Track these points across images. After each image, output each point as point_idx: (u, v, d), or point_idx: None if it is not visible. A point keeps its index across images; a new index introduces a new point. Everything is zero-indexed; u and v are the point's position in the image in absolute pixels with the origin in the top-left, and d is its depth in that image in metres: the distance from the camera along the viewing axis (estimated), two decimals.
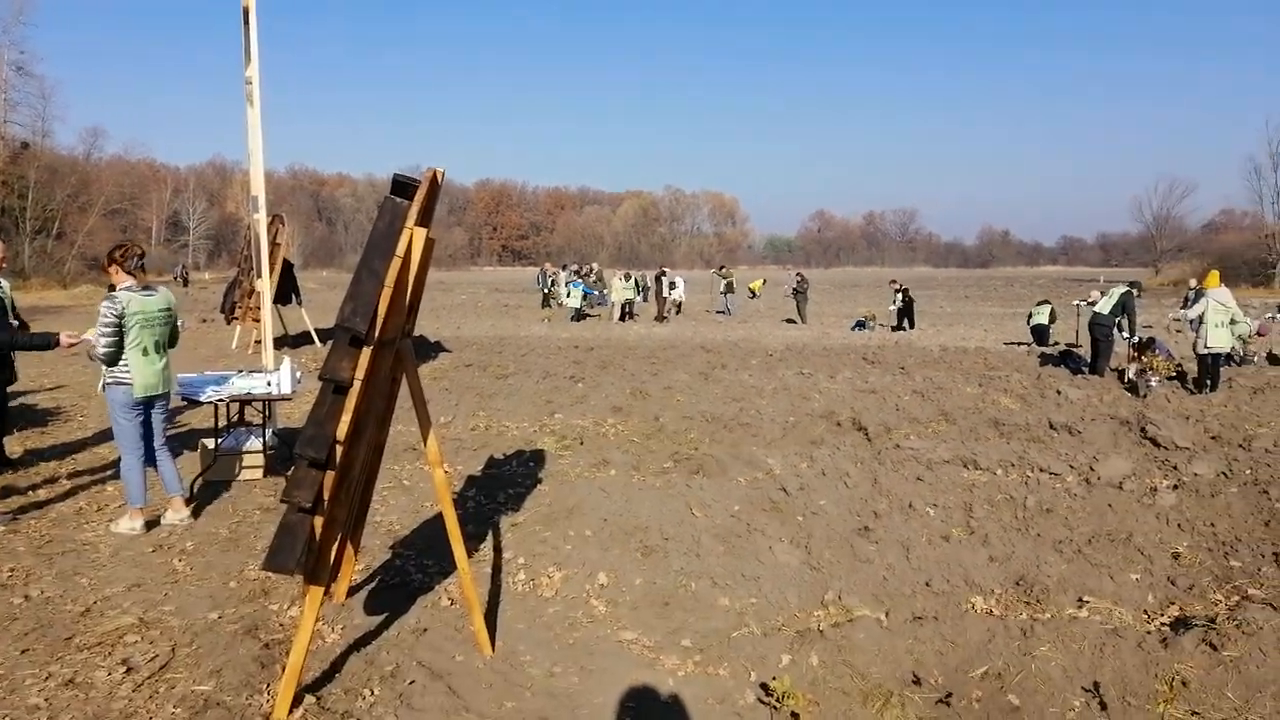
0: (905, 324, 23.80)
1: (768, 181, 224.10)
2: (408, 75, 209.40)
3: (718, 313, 29.20)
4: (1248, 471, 7.27)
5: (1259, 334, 15.09)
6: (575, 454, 8.02)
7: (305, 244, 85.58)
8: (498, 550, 5.50)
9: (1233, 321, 11.78)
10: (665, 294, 27.14)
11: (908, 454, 7.83)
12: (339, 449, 3.21)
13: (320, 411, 3.22)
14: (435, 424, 9.30)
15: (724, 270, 31.54)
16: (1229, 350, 12.25)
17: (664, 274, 28.06)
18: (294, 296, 17.00)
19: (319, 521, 3.31)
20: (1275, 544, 5.62)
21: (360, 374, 3.20)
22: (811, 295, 29.08)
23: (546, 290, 31.28)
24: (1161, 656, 4.01)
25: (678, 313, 28.52)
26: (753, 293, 40.59)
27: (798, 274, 28.83)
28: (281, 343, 16.13)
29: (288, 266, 16.55)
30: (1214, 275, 12.53)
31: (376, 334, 3.23)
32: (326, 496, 3.28)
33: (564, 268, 36.30)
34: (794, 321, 26.50)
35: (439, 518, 5.90)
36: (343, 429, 3.17)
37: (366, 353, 3.21)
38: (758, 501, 6.46)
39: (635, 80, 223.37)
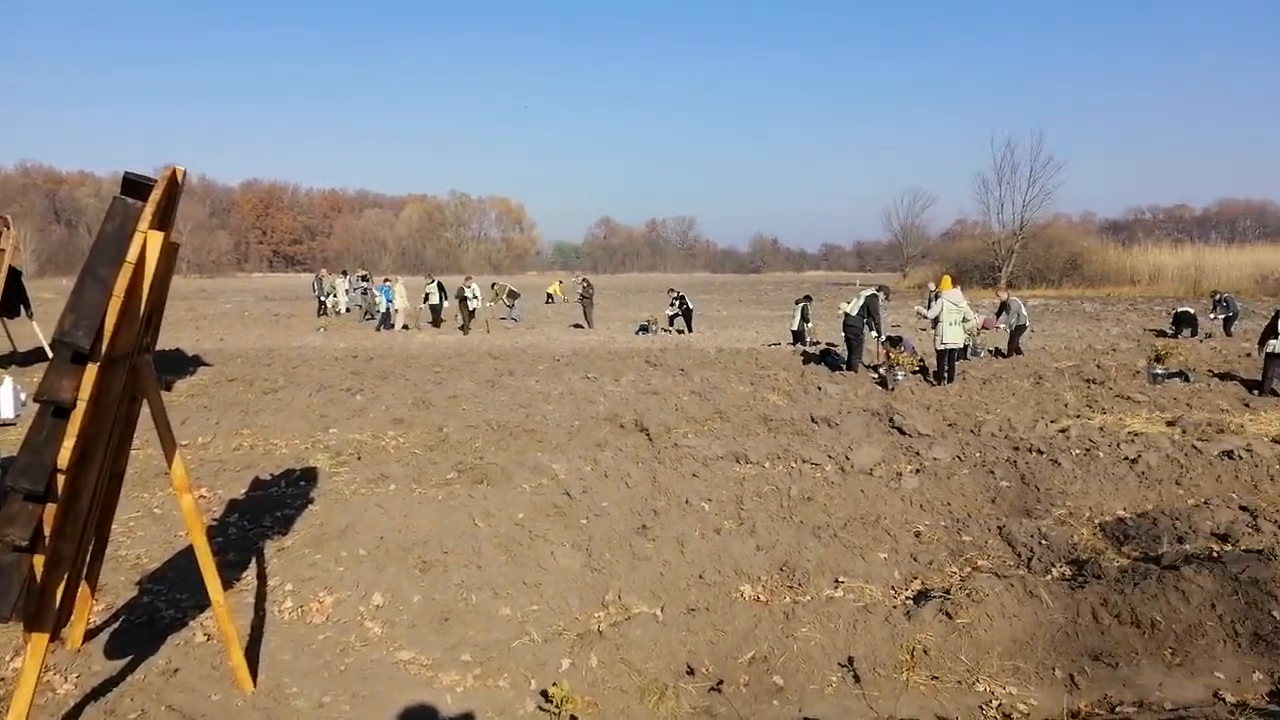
0: (684, 327, 24.77)
1: (554, 189, 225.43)
2: (164, 61, 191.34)
3: (501, 319, 29.00)
4: (977, 454, 8.17)
5: (984, 328, 17.01)
6: (351, 470, 7.68)
7: (40, 249, 76.10)
8: (262, 578, 5.16)
9: (965, 320, 13.21)
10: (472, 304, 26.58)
11: (685, 452, 8.14)
12: (61, 478, 2.89)
13: (37, 437, 2.88)
14: (193, 444, 8.60)
15: (496, 287, 31.37)
16: (962, 345, 13.73)
17: (469, 282, 27.48)
18: (23, 308, 15.08)
19: (39, 560, 2.95)
20: (1000, 519, 6.36)
21: (85, 394, 2.89)
22: (598, 300, 29.57)
23: (323, 298, 29.70)
24: (906, 628, 4.42)
25: (470, 319, 28.05)
26: (550, 296, 40.68)
27: (584, 280, 29.21)
28: (9, 361, 14.28)
29: (15, 274, 14.64)
30: (947, 279, 14.01)
31: (105, 349, 2.93)
32: (48, 532, 2.94)
33: (344, 274, 34.61)
34: (581, 326, 26.82)
35: (193, 548, 5.45)
36: (64, 456, 2.85)
37: (92, 370, 2.91)
38: (542, 507, 6.47)
39: (417, 82, 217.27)
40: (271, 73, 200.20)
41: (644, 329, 25.11)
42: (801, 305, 20.34)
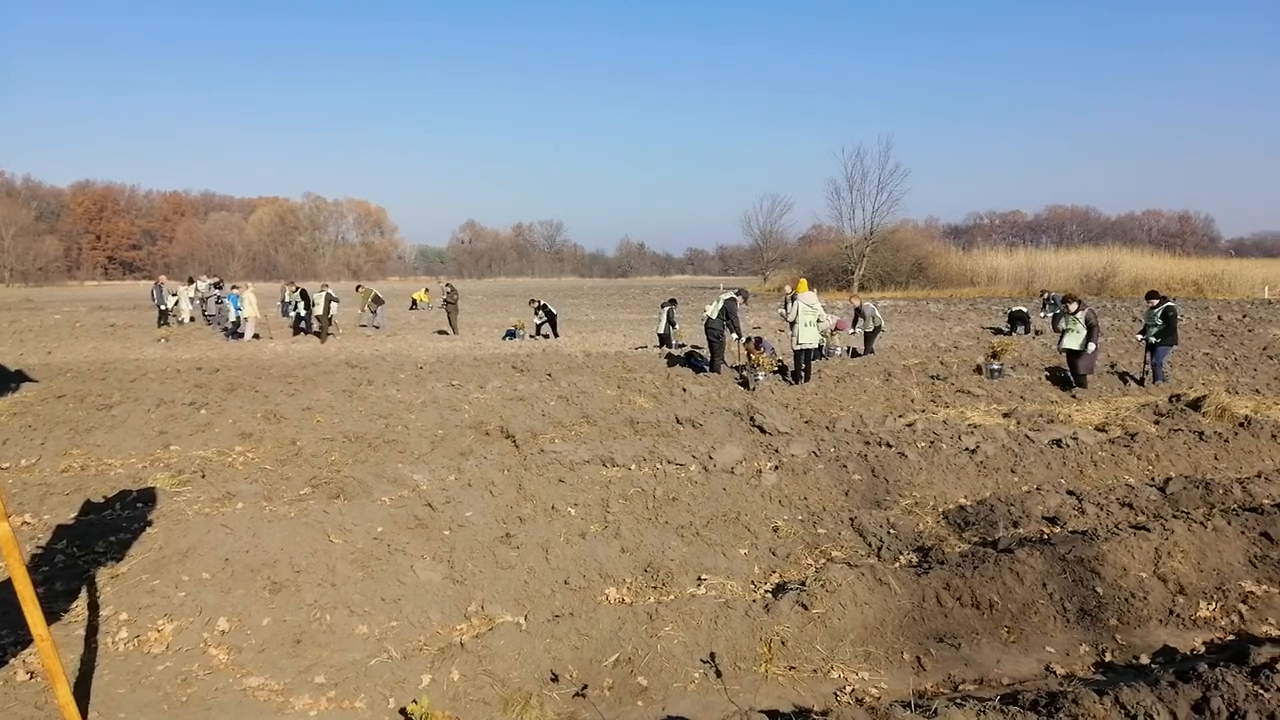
0: (551, 333, 24.72)
1: (417, 191, 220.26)
2: None
3: (362, 326, 28.07)
4: (832, 450, 8.49)
5: (837, 329, 17.75)
6: (195, 489, 7.22)
7: None
8: (94, 608, 4.77)
9: (819, 321, 13.73)
10: (331, 311, 25.49)
11: (552, 457, 8.10)
12: None
13: None
14: (15, 467, 7.91)
15: (362, 289, 30.38)
16: (817, 346, 14.26)
17: (327, 289, 26.37)
18: None
19: None
20: (852, 511, 6.63)
21: None
22: (463, 306, 29.08)
23: (164, 306, 27.90)
24: (764, 621, 4.53)
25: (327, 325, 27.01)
26: (415, 302, 39.60)
27: (447, 285, 28.63)
28: None
29: None
30: (803, 282, 14.53)
31: None
32: None
33: (190, 281, 32.59)
34: (446, 333, 26.30)
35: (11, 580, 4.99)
36: None
37: None
38: (402, 520, 6.28)
39: (266, 79, 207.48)
40: (105, 66, 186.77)
41: (511, 334, 24.88)
42: (667, 309, 20.62)
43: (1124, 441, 8.52)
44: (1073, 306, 13.17)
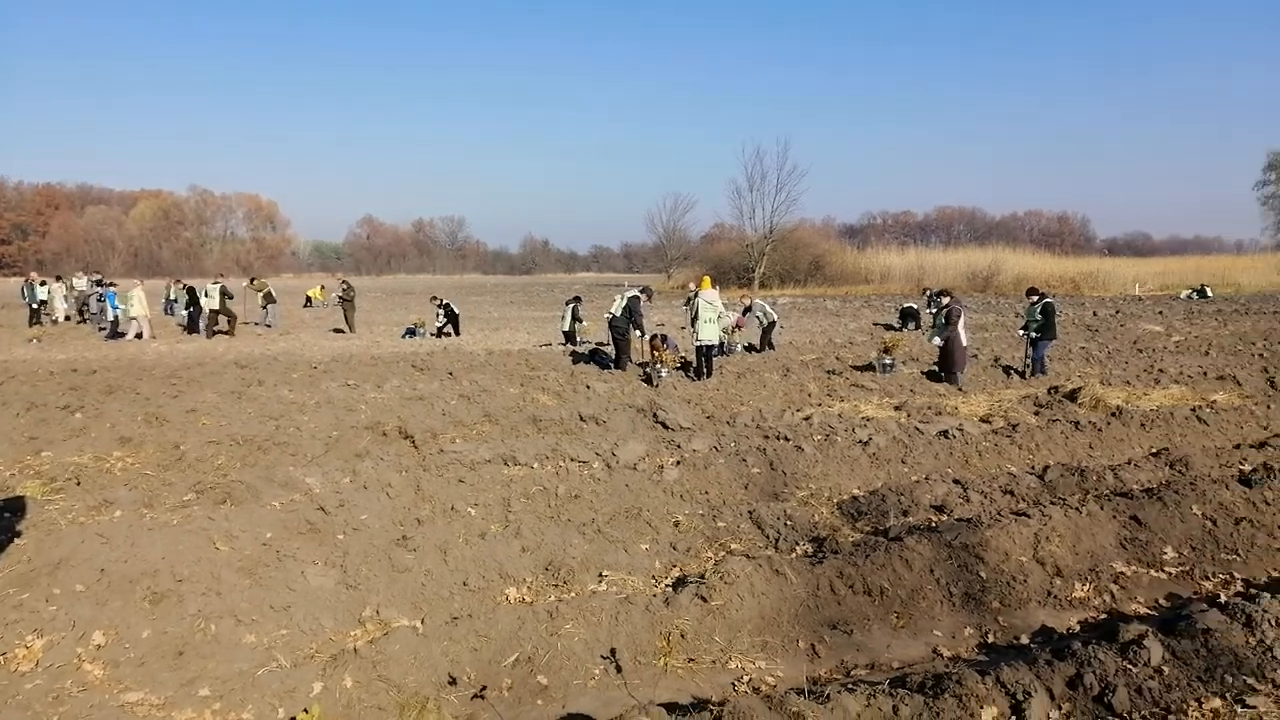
0: (452, 331, 24.33)
1: (312, 186, 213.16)
2: None
3: (254, 324, 27.02)
4: (732, 444, 8.62)
5: (737, 326, 18.04)
6: (69, 497, 6.81)
7: None
8: None
9: (720, 318, 13.92)
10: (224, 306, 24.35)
11: (452, 457, 7.96)
12: None
13: None
14: None
15: (256, 282, 29.26)
16: (718, 342, 14.46)
17: (221, 279, 25.23)
18: None
19: None
20: (751, 504, 6.74)
21: None
22: (360, 303, 28.32)
23: (35, 305, 26.22)
24: (664, 615, 4.56)
25: (216, 325, 25.92)
26: (309, 300, 38.32)
27: (344, 282, 27.81)
28: None
29: None
30: (705, 280, 14.70)
31: None
32: None
33: (58, 278, 30.67)
34: (342, 331, 25.56)
35: None
36: None
37: None
38: (293, 525, 6.06)
39: (147, 65, 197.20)
40: None
41: (411, 332, 24.37)
42: (572, 306, 20.58)
43: (1006, 432, 8.93)
44: (944, 300, 13.75)
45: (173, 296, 31.71)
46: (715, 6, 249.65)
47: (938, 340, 13.29)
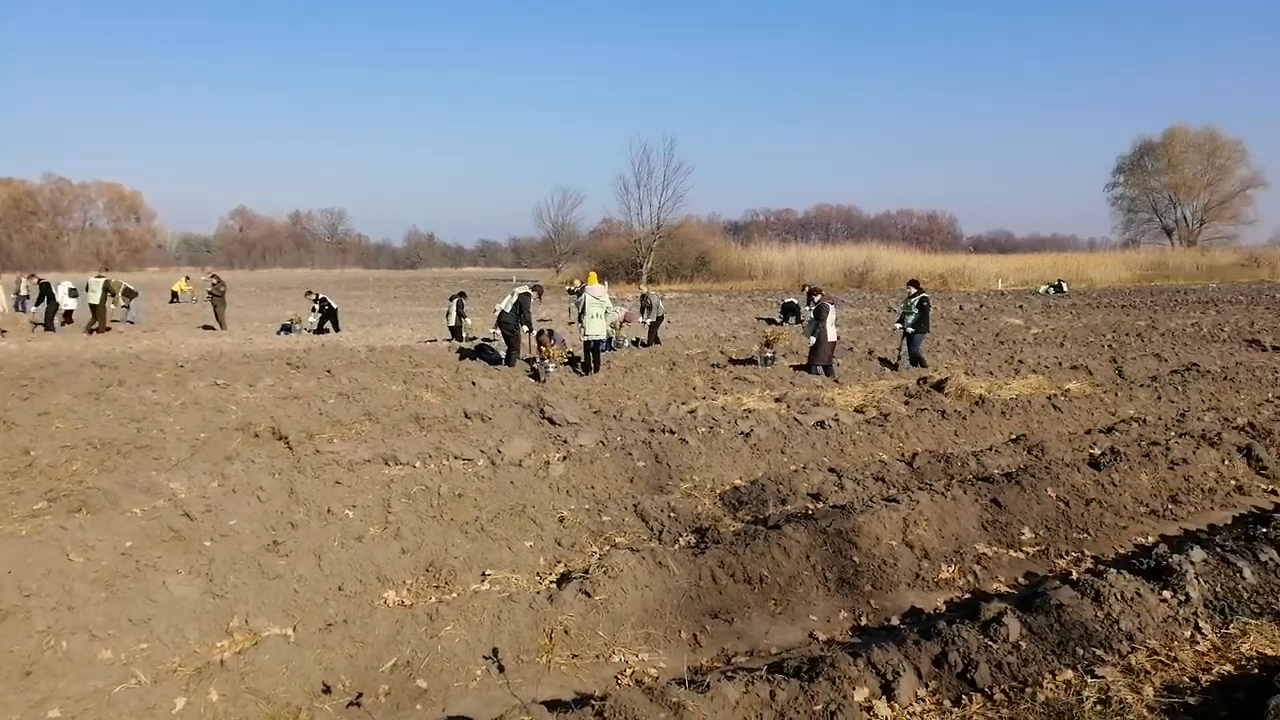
0: (330, 328, 23.54)
1: (179, 175, 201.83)
2: None
3: (115, 321, 25.42)
4: (618, 438, 8.66)
5: (625, 321, 18.15)
6: None
7: None
8: None
9: (607, 313, 13.96)
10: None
11: (329, 458, 7.70)
12: None
13: None
14: None
15: (111, 282, 27.56)
16: (606, 337, 14.50)
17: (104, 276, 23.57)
18: None
19: None
20: (636, 497, 6.78)
21: None
22: (232, 299, 27.05)
23: None
24: (548, 611, 4.54)
25: (66, 323, 24.24)
26: (175, 295, 36.25)
27: (213, 276, 26.48)
28: None
29: None
30: (592, 275, 14.72)
31: None
32: None
33: None
34: (212, 328, 24.34)
35: None
36: None
37: None
38: (156, 533, 5.74)
39: None
40: None
41: (287, 329, 23.44)
42: (456, 301, 20.23)
43: (879, 421, 9.30)
44: (817, 297, 14.18)
45: (24, 292, 29.52)
46: (604, 1, 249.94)
47: (812, 339, 13.69)
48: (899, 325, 15.18)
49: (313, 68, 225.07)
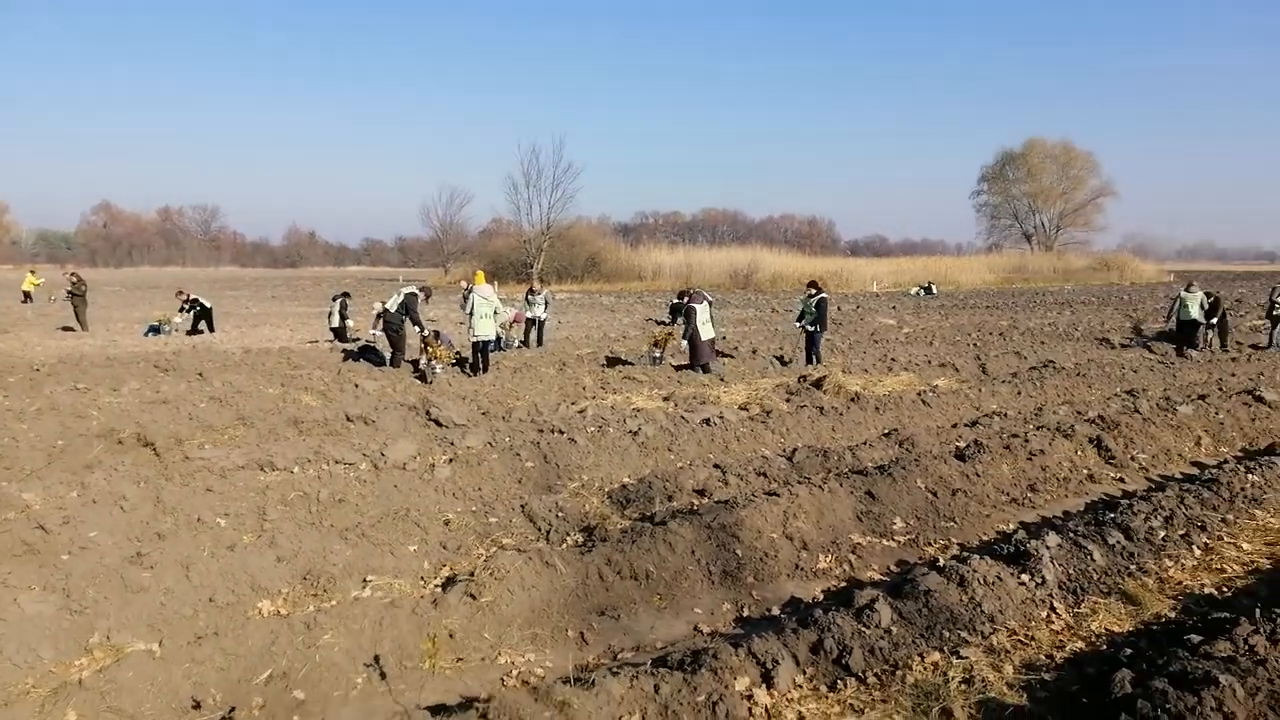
0: (204, 329, 22.44)
1: (35, 166, 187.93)
2: None
3: None
4: (507, 439, 8.60)
5: (514, 321, 18.00)
6: None
7: None
8: None
9: (495, 313, 13.82)
10: None
11: (200, 465, 7.37)
12: None
13: None
14: None
15: None
16: (495, 337, 14.36)
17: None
18: None
19: None
20: (524, 498, 6.75)
21: None
22: (94, 299, 25.42)
23: None
24: (432, 616, 4.48)
25: None
26: (28, 294, 33.76)
27: (73, 274, 24.80)
28: None
29: None
30: (480, 275, 14.54)
31: None
32: None
33: None
34: (72, 329, 22.81)
35: None
36: None
37: None
38: (6, 547, 5.37)
39: None
40: None
41: (155, 330, 22.19)
42: (340, 301, 19.63)
43: (761, 418, 9.56)
44: (684, 299, 14.44)
45: None
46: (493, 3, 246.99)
47: (684, 340, 13.93)
48: (799, 324, 15.60)
49: (181, 55, 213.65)
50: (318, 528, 5.93)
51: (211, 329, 22.57)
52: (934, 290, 48.54)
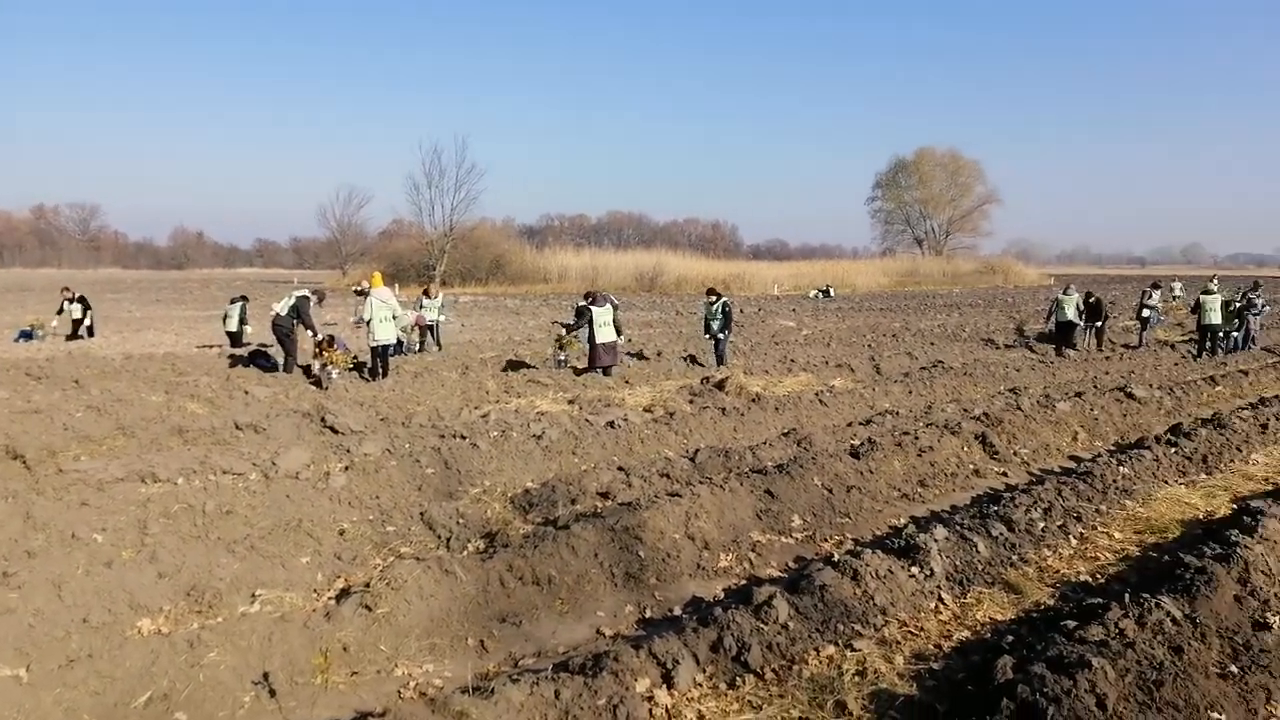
0: (84, 333, 21.19)
1: None
2: None
3: None
4: (406, 446, 8.41)
5: (416, 324, 17.60)
6: None
7: None
8: None
9: (394, 316, 13.49)
10: None
11: (74, 478, 6.95)
12: None
13: None
14: None
15: None
16: (395, 341, 14.00)
17: None
18: None
19: None
20: (423, 505, 6.62)
21: None
22: None
23: None
24: (325, 629, 4.35)
25: None
26: None
27: None
28: None
29: None
30: (377, 277, 14.14)
31: None
32: None
33: None
34: None
35: None
36: None
37: None
38: None
39: None
40: None
41: (28, 335, 20.83)
42: (239, 305, 18.86)
43: (665, 420, 9.64)
44: (582, 303, 14.41)
45: None
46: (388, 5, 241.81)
47: (585, 343, 13.93)
48: (707, 334, 15.86)
49: (58, 43, 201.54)
50: (203, 541, 5.68)
51: (91, 333, 21.33)
52: (832, 293, 49.94)
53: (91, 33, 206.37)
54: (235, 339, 18.62)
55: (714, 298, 15.62)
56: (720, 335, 15.51)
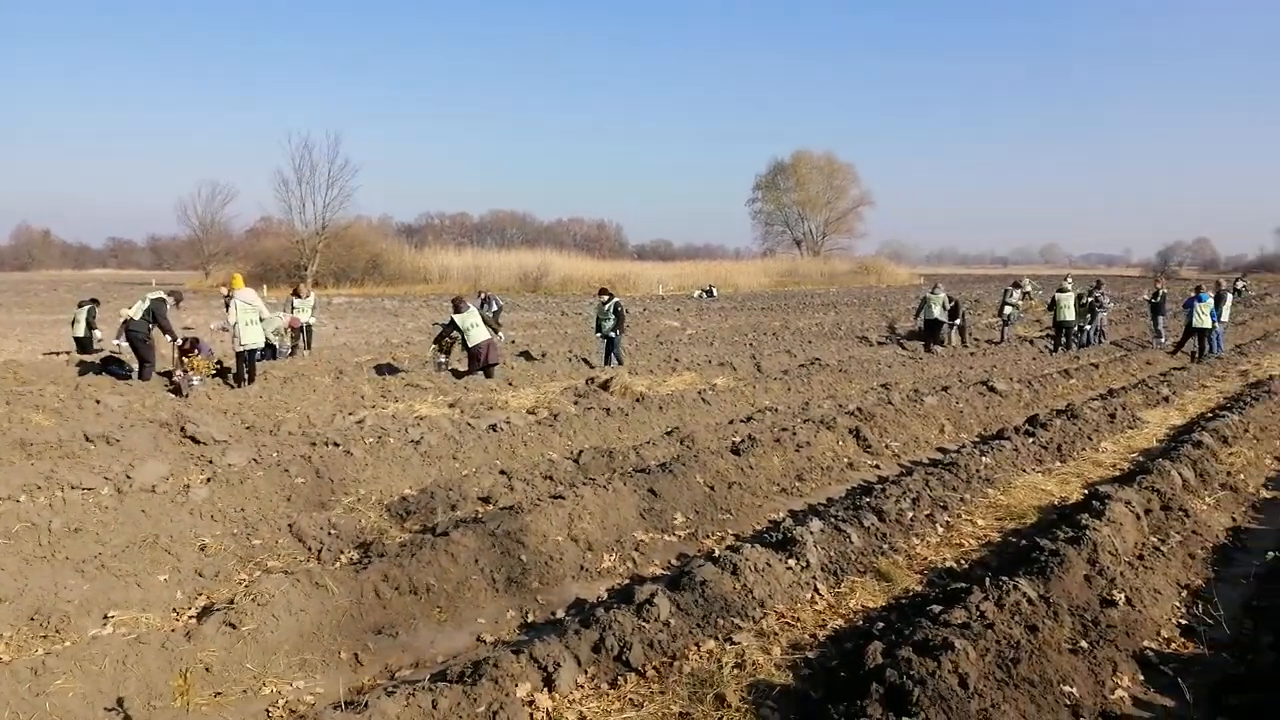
0: None
1: None
2: None
3: None
4: (274, 455, 8.05)
5: (290, 326, 16.90)
6: None
7: None
8: None
9: (262, 319, 12.88)
10: None
11: None
12: None
13: None
14: None
15: None
16: (263, 345, 13.38)
17: None
18: None
19: None
20: (292, 517, 6.32)
21: None
22: None
23: None
24: (185, 649, 4.09)
25: None
26: None
27: None
28: None
29: None
30: (238, 278, 13.45)
31: None
32: None
33: None
34: None
35: None
36: None
37: None
38: None
39: None
40: None
41: None
42: (88, 309, 17.58)
43: (549, 421, 9.57)
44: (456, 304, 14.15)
45: None
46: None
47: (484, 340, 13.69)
48: (599, 334, 15.84)
49: None
50: (49, 561, 5.26)
51: None
52: (715, 293, 50.85)
53: None
54: (84, 345, 17.38)
55: (606, 298, 15.70)
56: (612, 335, 15.59)
